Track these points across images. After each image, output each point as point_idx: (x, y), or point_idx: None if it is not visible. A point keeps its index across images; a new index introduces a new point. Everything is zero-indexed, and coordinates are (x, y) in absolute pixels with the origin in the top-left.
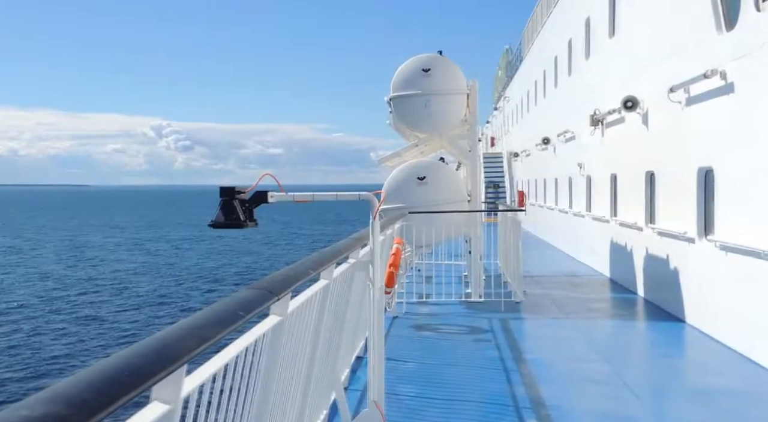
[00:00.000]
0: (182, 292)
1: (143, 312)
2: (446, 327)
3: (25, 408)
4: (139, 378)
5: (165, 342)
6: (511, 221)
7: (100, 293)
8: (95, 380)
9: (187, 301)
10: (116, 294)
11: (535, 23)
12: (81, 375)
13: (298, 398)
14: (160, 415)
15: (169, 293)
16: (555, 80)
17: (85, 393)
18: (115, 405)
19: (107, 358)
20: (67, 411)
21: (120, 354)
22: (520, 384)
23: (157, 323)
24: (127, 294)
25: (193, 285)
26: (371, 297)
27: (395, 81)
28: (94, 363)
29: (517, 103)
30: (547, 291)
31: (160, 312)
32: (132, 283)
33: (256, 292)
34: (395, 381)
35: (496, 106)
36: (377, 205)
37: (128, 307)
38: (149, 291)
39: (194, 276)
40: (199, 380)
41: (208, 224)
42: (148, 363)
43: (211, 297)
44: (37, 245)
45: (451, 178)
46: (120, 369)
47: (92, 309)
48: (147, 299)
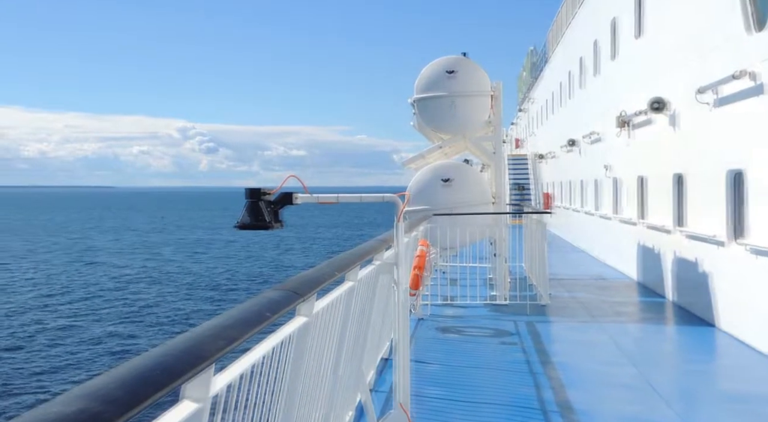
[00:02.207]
0: (206, 293)
1: (169, 312)
2: (471, 330)
3: (60, 404)
4: (170, 376)
5: (194, 342)
6: (537, 223)
7: (127, 292)
8: (127, 378)
9: (212, 302)
10: (141, 294)
11: (560, 24)
12: (113, 373)
13: (324, 398)
14: (189, 414)
15: (193, 293)
16: (580, 81)
17: (117, 391)
18: (146, 403)
19: (138, 357)
20: (101, 407)
21: (151, 353)
22: (546, 387)
23: (183, 322)
24: (153, 293)
25: (216, 285)
26: (396, 299)
27: (419, 83)
28: (123, 361)
29: (542, 104)
30: (573, 294)
31: (187, 312)
32: (158, 283)
33: (282, 293)
34: (421, 383)
35: (521, 107)
36: (401, 207)
37: (154, 306)
38: (175, 291)
39: (218, 276)
40: (228, 379)
41: (234, 225)
42: (179, 362)
43: (231, 297)
44: (71, 245)
45: (476, 180)
46: (151, 367)
47: (120, 308)
48: (173, 299)
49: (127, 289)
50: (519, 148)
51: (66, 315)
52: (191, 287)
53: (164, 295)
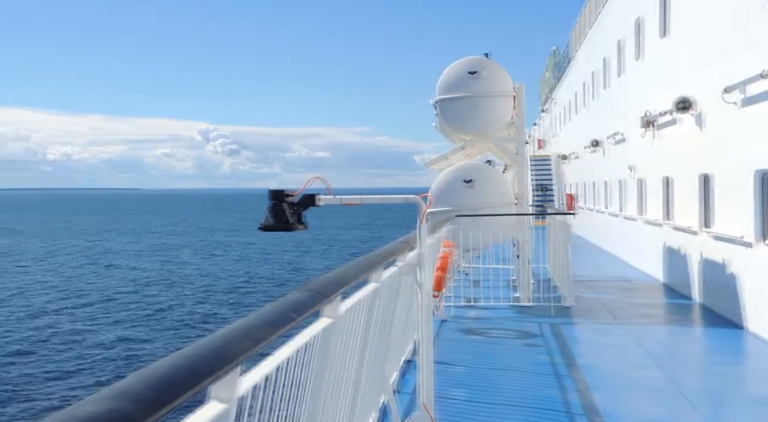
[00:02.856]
0: (224, 296)
1: (185, 315)
2: (495, 331)
3: (90, 404)
4: (198, 377)
5: (221, 343)
6: (560, 224)
7: (144, 295)
8: (156, 378)
9: (229, 305)
10: (158, 297)
11: (583, 24)
12: (142, 373)
13: (348, 400)
14: (216, 414)
15: (211, 297)
16: (604, 81)
17: (147, 391)
18: (175, 403)
19: (167, 357)
20: (131, 407)
21: (179, 354)
22: (571, 389)
23: (198, 327)
24: (170, 296)
25: (234, 288)
26: (419, 301)
27: (441, 84)
28: (151, 362)
29: (565, 104)
30: (597, 296)
31: (203, 315)
32: (175, 286)
33: (307, 294)
34: (444, 385)
35: (544, 108)
36: (424, 208)
37: (169, 310)
38: (191, 294)
39: (236, 279)
40: (254, 380)
41: (257, 227)
42: (206, 362)
43: (248, 301)
44: (90, 247)
45: (499, 181)
46: (180, 368)
47: (137, 312)
48: (189, 302)
49: (144, 292)
50: (541, 148)
51: (82, 318)
52: (208, 290)
53: (181, 298)
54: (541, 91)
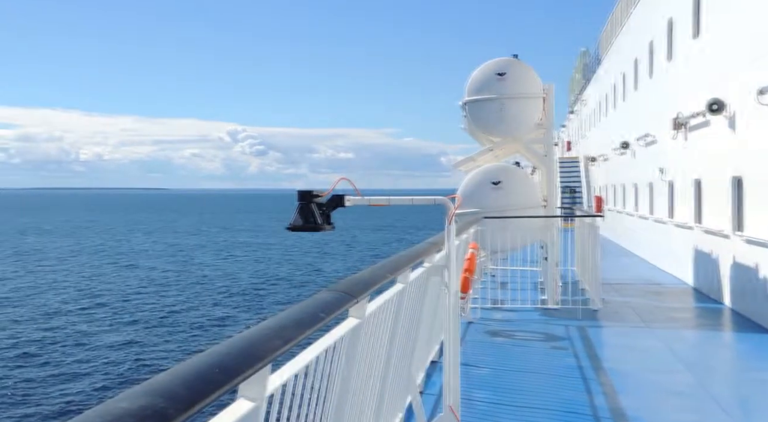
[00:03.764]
0: (241, 299)
1: (211, 314)
2: (521, 334)
3: (125, 400)
4: (229, 375)
5: (251, 342)
6: (589, 227)
7: (171, 293)
8: (188, 376)
9: (246, 310)
10: (194, 294)
11: (613, 25)
12: (175, 371)
13: (375, 400)
14: (246, 412)
15: (236, 295)
16: (635, 83)
17: (179, 388)
18: (206, 400)
19: (198, 356)
20: (164, 404)
21: (209, 352)
22: (598, 393)
23: (224, 325)
24: (196, 294)
25: (255, 290)
26: (446, 302)
27: (469, 85)
28: (183, 360)
29: (594, 106)
30: (626, 299)
31: (229, 315)
32: (202, 284)
33: (335, 294)
34: (470, 387)
35: (572, 109)
36: (452, 210)
37: (196, 308)
38: (211, 296)
39: (267, 277)
40: (283, 379)
41: (285, 227)
42: (237, 361)
43: (265, 303)
44: (115, 247)
45: (526, 183)
46: (211, 366)
47: (155, 313)
48: (216, 300)
49: (165, 293)
50: (570, 150)
51: (98, 319)
52: (229, 291)
53: (201, 299)
54: (569, 92)
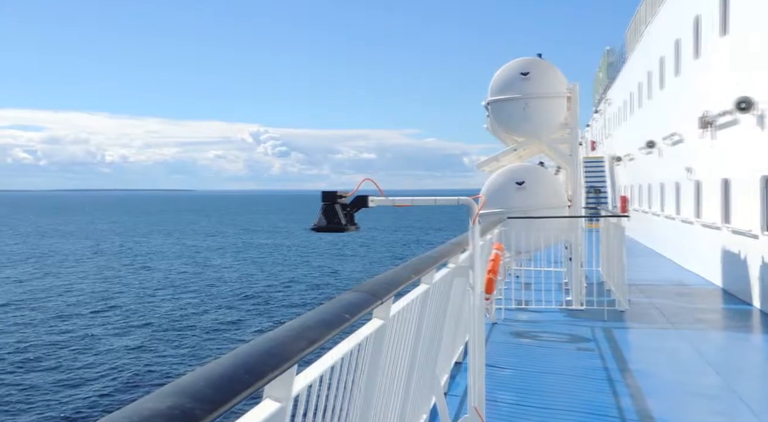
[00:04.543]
0: (271, 296)
1: (236, 315)
2: (546, 335)
3: (154, 400)
4: (255, 376)
5: (277, 343)
6: (614, 227)
7: (197, 295)
8: (215, 376)
9: (278, 304)
10: (210, 296)
11: (638, 23)
12: (202, 371)
13: (399, 401)
14: (272, 413)
15: (257, 296)
16: (661, 81)
17: (206, 389)
18: (233, 401)
19: (224, 356)
20: (192, 404)
21: (235, 353)
22: (625, 395)
23: (251, 324)
24: (217, 296)
25: (281, 288)
26: (471, 303)
27: (493, 85)
28: (205, 361)
29: (620, 105)
30: (652, 300)
31: (254, 315)
32: (223, 287)
33: (360, 295)
34: (495, 388)
35: (597, 108)
36: (476, 210)
37: (221, 310)
38: (238, 293)
39: (284, 279)
40: (308, 380)
41: (310, 228)
42: (263, 362)
43: (291, 301)
44: (134, 248)
45: (551, 183)
46: (237, 367)
47: (190, 310)
48: (238, 302)
49: (181, 296)
50: (594, 150)
51: (111, 321)
52: (244, 294)
53: (218, 302)
54: (594, 91)
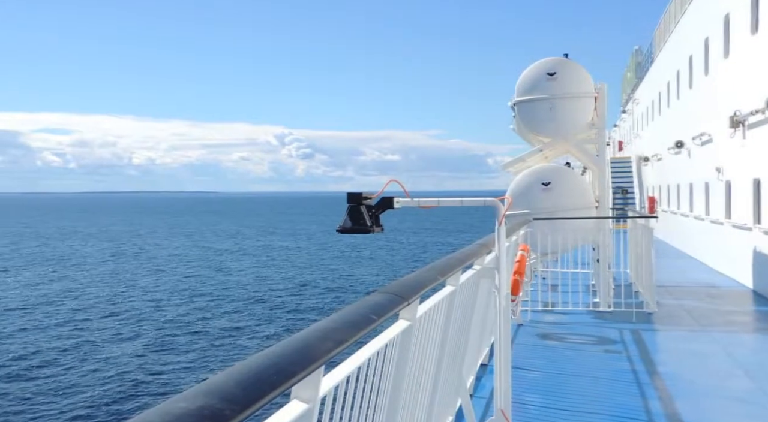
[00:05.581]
0: (292, 298)
1: (266, 314)
2: (573, 337)
3: (184, 400)
4: (284, 377)
5: (304, 344)
6: (642, 228)
7: (228, 296)
8: (244, 377)
9: (299, 306)
10: (228, 300)
11: (667, 22)
12: (231, 372)
13: (425, 402)
14: (300, 413)
15: (279, 298)
16: (690, 81)
17: (235, 389)
18: (262, 402)
19: (253, 357)
20: (221, 404)
21: (263, 354)
22: (654, 398)
23: (273, 326)
24: (235, 299)
25: (306, 288)
26: (497, 305)
27: (519, 85)
28: (237, 361)
29: (648, 105)
30: (681, 302)
31: (286, 314)
32: (241, 290)
33: (387, 296)
34: (521, 390)
35: (624, 108)
36: (503, 211)
37: (241, 312)
38: (256, 296)
39: (305, 282)
40: (335, 380)
41: (336, 229)
42: (291, 363)
43: (308, 305)
44: (153, 251)
45: (577, 184)
46: (267, 367)
47: (213, 311)
48: (253, 306)
49: (197, 299)
50: (622, 150)
51: (124, 324)
52: (261, 298)
53: (235, 305)
54: (622, 91)
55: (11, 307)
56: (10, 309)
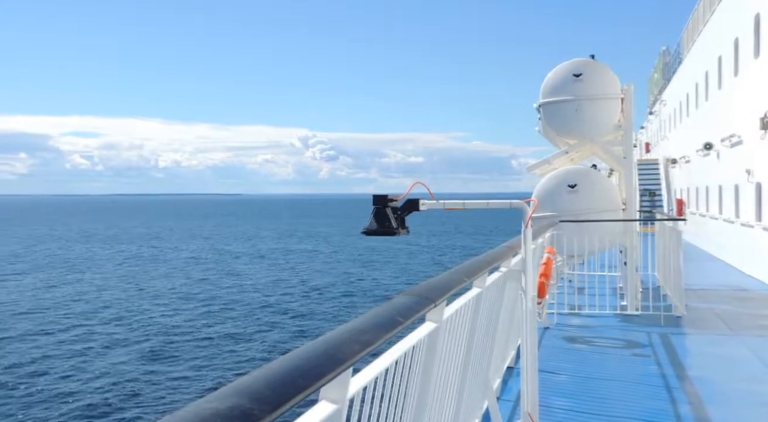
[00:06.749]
0: (311, 304)
1: (290, 315)
2: (600, 340)
3: (215, 400)
4: (313, 378)
5: (332, 345)
6: (671, 231)
7: (255, 297)
8: (274, 377)
9: (326, 305)
10: (264, 299)
11: (695, 22)
12: (260, 372)
13: (452, 405)
14: (328, 415)
15: (308, 297)
16: (719, 81)
17: (265, 390)
18: (291, 402)
19: (281, 358)
20: (251, 404)
21: (292, 355)
22: (684, 402)
23: (308, 324)
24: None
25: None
26: (523, 307)
27: (545, 87)
28: (267, 362)
29: (675, 106)
30: (711, 306)
31: (311, 315)
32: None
33: (413, 298)
34: (548, 394)
35: (651, 110)
36: (529, 213)
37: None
38: (270, 301)
39: (336, 282)
40: (363, 382)
41: (361, 231)
42: (320, 364)
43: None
44: (169, 253)
45: (604, 186)
46: (296, 368)
47: (253, 309)
48: (292, 304)
49: (206, 305)
50: (649, 152)
51: (134, 328)
52: (277, 302)
53: (252, 309)
54: (649, 92)
55: (23, 310)
56: (23, 313)
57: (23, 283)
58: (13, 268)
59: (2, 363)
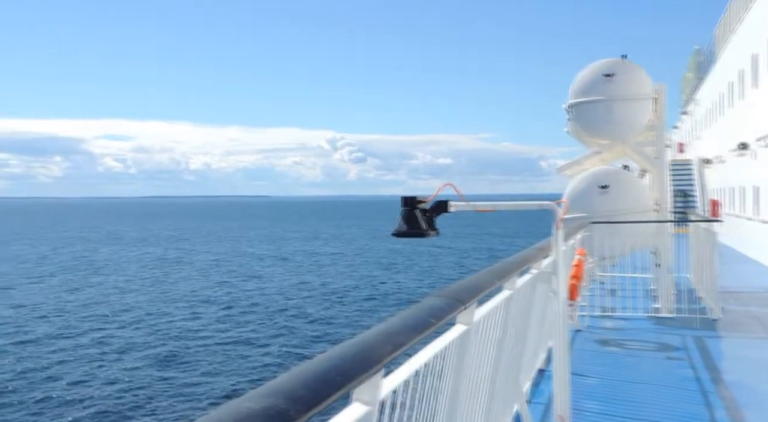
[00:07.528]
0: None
1: (321, 317)
2: (633, 343)
3: (250, 400)
4: (346, 378)
5: (364, 346)
6: (705, 232)
7: (286, 298)
8: (308, 378)
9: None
10: (297, 301)
11: (729, 21)
12: (295, 373)
13: (483, 408)
14: (361, 416)
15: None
16: (754, 80)
17: (300, 390)
18: (325, 403)
19: (314, 359)
20: (285, 405)
21: (325, 355)
22: (719, 407)
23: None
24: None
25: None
26: (555, 309)
27: (575, 87)
28: (300, 363)
29: (709, 106)
30: (747, 309)
31: (340, 315)
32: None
33: (444, 300)
34: (579, 397)
35: (685, 110)
36: (560, 215)
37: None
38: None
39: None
40: (394, 384)
41: (390, 233)
42: (353, 365)
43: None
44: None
45: (636, 187)
46: (330, 369)
47: (284, 309)
48: (321, 306)
49: (227, 309)
50: (682, 152)
51: (154, 331)
52: (294, 307)
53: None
54: (682, 92)
55: (44, 313)
56: (43, 316)
57: (47, 285)
58: (40, 270)
59: (21, 366)
